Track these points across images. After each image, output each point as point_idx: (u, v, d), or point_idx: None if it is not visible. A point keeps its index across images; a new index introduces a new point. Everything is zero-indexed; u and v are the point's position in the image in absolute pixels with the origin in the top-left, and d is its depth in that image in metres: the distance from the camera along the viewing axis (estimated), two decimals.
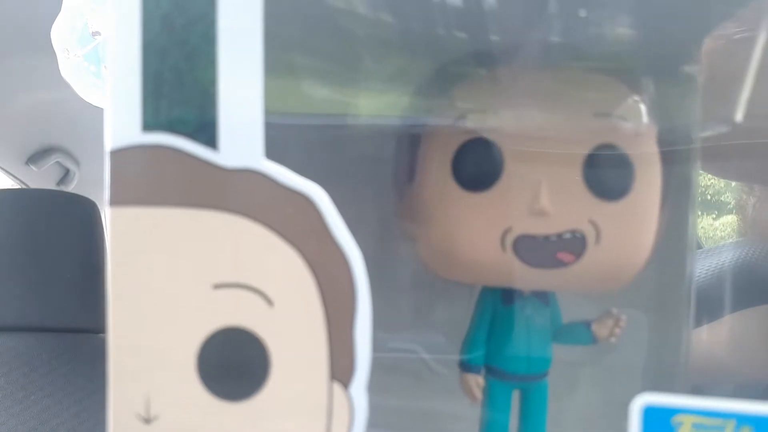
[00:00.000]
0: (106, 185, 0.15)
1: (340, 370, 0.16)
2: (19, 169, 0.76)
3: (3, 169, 0.75)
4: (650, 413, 0.16)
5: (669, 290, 0.24)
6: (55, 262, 0.51)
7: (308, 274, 0.15)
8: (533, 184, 0.19)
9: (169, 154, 0.15)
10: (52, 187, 0.80)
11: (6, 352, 0.47)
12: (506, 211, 0.20)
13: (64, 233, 0.52)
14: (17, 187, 0.78)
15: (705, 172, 0.28)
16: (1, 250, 0.50)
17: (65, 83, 0.43)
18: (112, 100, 0.15)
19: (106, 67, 0.15)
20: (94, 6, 0.40)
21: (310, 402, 0.16)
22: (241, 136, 0.15)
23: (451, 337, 0.24)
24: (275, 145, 0.15)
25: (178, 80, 0.15)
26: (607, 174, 0.20)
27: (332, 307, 0.15)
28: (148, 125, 0.15)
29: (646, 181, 0.20)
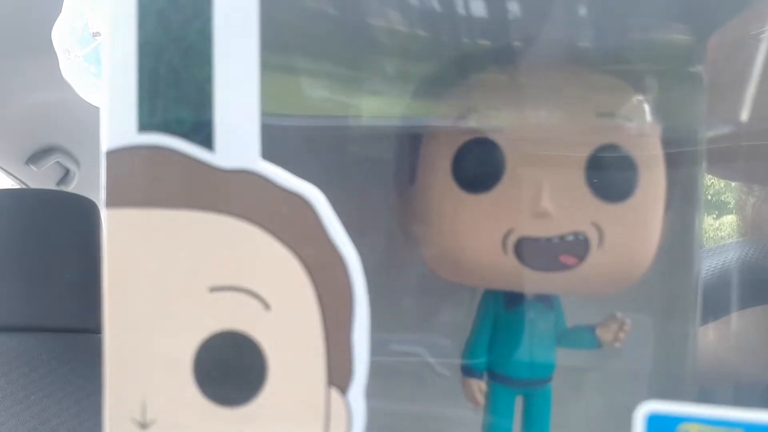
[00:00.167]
0: (102, 187, 0.15)
1: (338, 375, 0.15)
2: (19, 169, 0.76)
3: (3, 169, 0.75)
4: (655, 421, 0.16)
5: (675, 294, 0.24)
6: (55, 262, 0.51)
7: (305, 277, 0.15)
8: (535, 186, 0.19)
9: (165, 155, 0.15)
10: (52, 187, 0.80)
11: (6, 352, 0.47)
12: (508, 213, 0.19)
13: (64, 233, 0.52)
14: (17, 187, 0.78)
15: (710, 174, 0.28)
16: (1, 250, 0.50)
17: (66, 84, 0.43)
18: (107, 101, 0.15)
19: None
20: (94, 6, 0.40)
21: (307, 407, 0.15)
22: (238, 137, 0.15)
23: (454, 340, 0.23)
24: (275, 145, 0.15)
25: (174, 81, 0.15)
26: (610, 175, 0.19)
27: (329, 310, 0.15)
28: (144, 126, 0.15)
29: (650, 182, 0.20)
